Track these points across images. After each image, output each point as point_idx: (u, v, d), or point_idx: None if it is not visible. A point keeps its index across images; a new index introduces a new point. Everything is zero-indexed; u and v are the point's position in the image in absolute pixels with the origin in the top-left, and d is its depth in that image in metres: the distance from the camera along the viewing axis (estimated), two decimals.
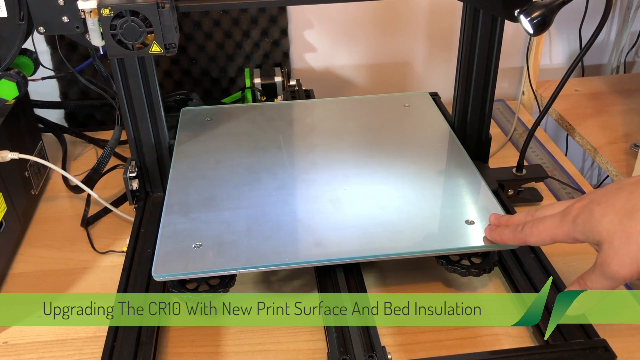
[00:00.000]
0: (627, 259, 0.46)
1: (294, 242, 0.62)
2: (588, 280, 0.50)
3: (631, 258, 0.46)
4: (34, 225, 0.79)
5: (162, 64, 1.03)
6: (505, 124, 1.02)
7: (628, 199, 0.47)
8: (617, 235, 0.46)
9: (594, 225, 0.48)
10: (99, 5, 0.58)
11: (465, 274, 0.64)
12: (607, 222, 0.47)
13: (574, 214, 0.50)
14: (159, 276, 0.58)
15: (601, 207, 0.48)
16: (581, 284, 0.51)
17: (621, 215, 0.46)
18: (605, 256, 0.47)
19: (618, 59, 1.17)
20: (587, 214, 0.49)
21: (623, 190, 0.48)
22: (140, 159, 0.75)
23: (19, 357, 0.60)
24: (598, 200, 0.49)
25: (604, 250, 0.47)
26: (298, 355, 0.59)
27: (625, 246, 0.46)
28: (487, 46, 0.73)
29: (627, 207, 0.46)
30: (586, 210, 0.49)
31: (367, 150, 0.78)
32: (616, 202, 0.47)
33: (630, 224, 0.45)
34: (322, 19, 1.05)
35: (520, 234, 0.56)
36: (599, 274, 0.49)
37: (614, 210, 0.47)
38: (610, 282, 0.49)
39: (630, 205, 0.46)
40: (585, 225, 0.49)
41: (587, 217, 0.49)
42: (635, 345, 0.59)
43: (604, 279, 0.49)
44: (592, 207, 0.49)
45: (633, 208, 0.46)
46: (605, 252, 0.47)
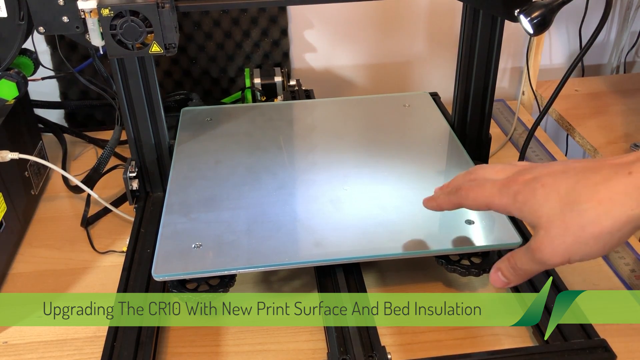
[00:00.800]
0: (561, 249, 0.45)
1: (294, 242, 0.62)
2: (518, 260, 0.49)
3: (565, 249, 0.45)
4: (34, 225, 0.79)
5: (162, 64, 1.03)
6: (505, 124, 1.02)
7: (573, 187, 0.45)
8: (555, 224, 0.45)
9: (534, 207, 0.47)
10: (99, 5, 0.58)
11: (465, 274, 0.64)
12: (547, 208, 0.46)
13: (515, 188, 0.48)
14: (159, 276, 0.58)
15: (545, 190, 0.46)
16: (511, 262, 0.50)
17: (563, 204, 0.45)
18: (540, 243, 0.46)
19: (618, 59, 1.17)
20: (530, 193, 0.47)
21: (569, 175, 0.46)
22: (140, 159, 0.75)
23: (19, 357, 0.60)
24: (543, 181, 0.47)
25: (540, 236, 0.46)
26: (298, 355, 0.59)
27: (561, 236, 0.45)
28: (487, 46, 0.73)
29: (571, 197, 0.45)
30: (529, 188, 0.47)
31: (367, 150, 0.78)
32: (560, 187, 0.46)
33: (570, 215, 0.44)
34: (322, 19, 1.05)
35: (454, 197, 0.54)
36: (530, 257, 0.48)
37: (557, 197, 0.45)
38: (538, 266, 0.48)
39: (573, 196, 0.44)
40: (525, 204, 0.47)
41: (529, 197, 0.47)
42: (635, 345, 0.59)
43: (533, 263, 0.48)
44: (535, 187, 0.47)
45: (576, 199, 0.44)
46: (540, 238, 0.46)
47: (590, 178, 0.44)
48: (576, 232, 0.44)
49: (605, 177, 0.44)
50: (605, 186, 0.43)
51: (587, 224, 0.43)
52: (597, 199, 0.43)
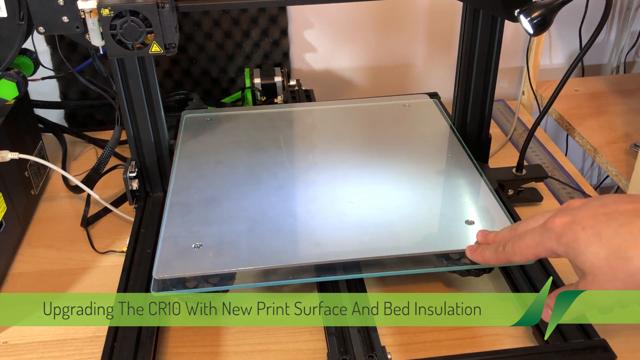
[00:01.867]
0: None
1: (294, 242, 0.62)
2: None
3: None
4: (34, 225, 0.79)
5: (162, 64, 1.03)
6: (505, 124, 1.02)
7: (616, 232, 0.45)
8: (602, 270, 0.46)
9: (577, 252, 0.47)
10: (98, 5, 0.58)
11: (465, 274, 0.64)
12: (592, 255, 0.46)
13: (557, 231, 0.48)
14: (160, 276, 0.58)
15: (586, 234, 0.46)
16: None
17: (608, 251, 0.45)
18: (588, 287, 0.47)
19: (618, 59, 1.17)
20: (572, 236, 0.47)
21: (610, 218, 0.46)
22: (140, 159, 0.75)
23: (19, 357, 0.60)
24: (583, 223, 0.47)
25: (587, 281, 0.47)
26: (298, 355, 0.59)
27: (608, 283, 0.46)
28: (487, 46, 0.73)
29: (615, 244, 0.45)
30: (570, 231, 0.47)
31: (367, 151, 0.78)
32: (602, 231, 0.46)
33: (617, 263, 0.45)
34: (322, 19, 1.05)
35: (502, 254, 0.54)
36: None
37: (600, 242, 0.46)
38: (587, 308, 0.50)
39: (618, 242, 0.45)
40: (568, 247, 0.48)
41: (571, 240, 0.47)
42: (635, 345, 0.59)
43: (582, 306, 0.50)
44: (576, 230, 0.47)
45: (621, 246, 0.45)
46: (588, 283, 0.47)
47: (634, 222, 0.45)
48: (624, 279, 0.45)
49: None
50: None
51: (635, 271, 0.44)
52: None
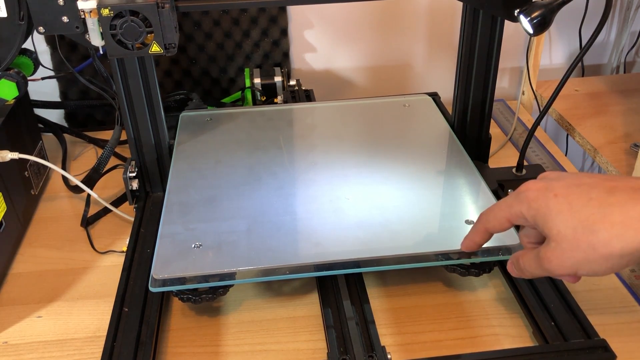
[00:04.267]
0: (569, 263, 0.46)
1: (294, 242, 0.62)
2: (526, 263, 0.51)
3: (572, 263, 0.46)
4: (34, 225, 0.79)
5: (162, 64, 1.03)
6: (505, 124, 1.02)
7: (586, 204, 0.45)
8: (567, 239, 0.46)
9: (546, 218, 0.47)
10: (98, 5, 0.58)
11: (465, 274, 0.64)
12: (560, 222, 0.46)
13: (529, 195, 0.49)
14: (159, 276, 0.58)
15: (557, 202, 0.47)
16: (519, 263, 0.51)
17: (576, 221, 0.45)
18: (550, 254, 0.47)
19: (618, 59, 1.17)
20: (543, 202, 0.48)
21: (583, 190, 0.46)
22: (140, 159, 0.75)
23: (19, 357, 0.60)
24: (556, 191, 0.47)
25: (550, 247, 0.47)
26: (298, 355, 0.59)
27: (571, 251, 0.46)
28: (487, 46, 0.73)
29: (583, 215, 0.45)
30: (542, 197, 0.48)
31: (367, 151, 0.78)
32: (574, 201, 0.46)
33: (582, 233, 0.45)
34: (322, 19, 1.05)
35: (480, 225, 0.55)
36: (537, 263, 0.49)
37: (569, 211, 0.46)
38: (543, 273, 0.49)
39: (586, 214, 0.45)
40: (538, 212, 0.48)
41: (542, 206, 0.48)
42: (635, 345, 0.59)
43: (539, 270, 0.49)
44: (548, 197, 0.47)
45: (589, 218, 0.45)
46: (550, 250, 0.47)
47: (604, 198, 0.45)
48: (586, 250, 0.45)
49: (620, 201, 0.44)
50: (619, 209, 0.44)
51: (598, 244, 0.44)
52: (610, 221, 0.44)
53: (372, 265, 0.61)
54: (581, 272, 0.46)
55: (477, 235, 0.56)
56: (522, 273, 0.51)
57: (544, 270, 0.48)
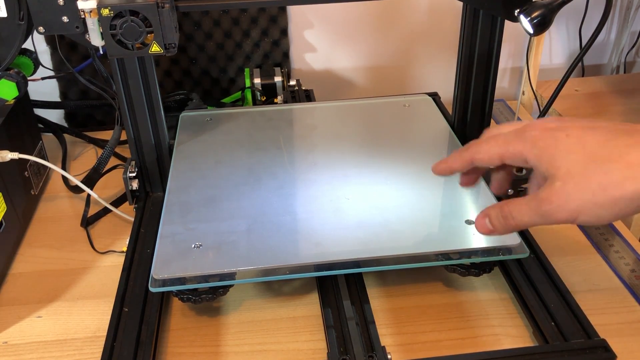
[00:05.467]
0: (574, 205, 0.42)
1: (294, 242, 0.62)
2: (515, 209, 0.46)
3: (577, 206, 0.42)
4: (34, 225, 0.79)
5: (162, 64, 1.03)
6: None
7: (604, 144, 0.42)
8: (575, 177, 0.42)
9: (555, 156, 0.43)
10: (98, 5, 0.58)
11: (465, 274, 0.64)
12: (570, 160, 0.42)
13: (534, 134, 0.45)
14: (159, 276, 0.58)
15: (569, 141, 0.43)
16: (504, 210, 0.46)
17: (589, 159, 0.42)
18: (552, 194, 0.43)
19: (618, 59, 1.17)
20: (552, 140, 0.44)
21: (598, 132, 0.43)
22: (140, 159, 0.75)
23: (19, 357, 0.60)
24: (568, 131, 0.43)
25: (554, 187, 0.43)
26: (298, 355, 0.59)
27: (578, 192, 0.42)
28: (487, 46, 0.73)
29: (598, 154, 0.41)
30: (551, 136, 0.44)
31: (367, 151, 0.78)
32: (588, 141, 0.42)
33: (594, 171, 0.41)
34: (322, 19, 1.05)
35: (465, 153, 0.50)
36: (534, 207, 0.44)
37: (583, 150, 0.42)
38: (538, 218, 0.44)
39: (602, 153, 0.41)
40: (545, 150, 0.44)
41: (550, 144, 0.44)
42: (635, 345, 0.59)
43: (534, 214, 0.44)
44: (558, 136, 0.44)
45: (604, 157, 0.41)
46: (554, 189, 0.43)
47: (622, 139, 0.42)
48: (596, 190, 0.41)
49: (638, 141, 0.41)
50: (636, 149, 0.41)
51: (610, 184, 0.41)
52: (626, 162, 0.40)
53: (372, 265, 0.61)
54: (582, 217, 0.42)
55: (458, 162, 0.51)
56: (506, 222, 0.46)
57: (540, 214, 0.44)
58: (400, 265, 0.61)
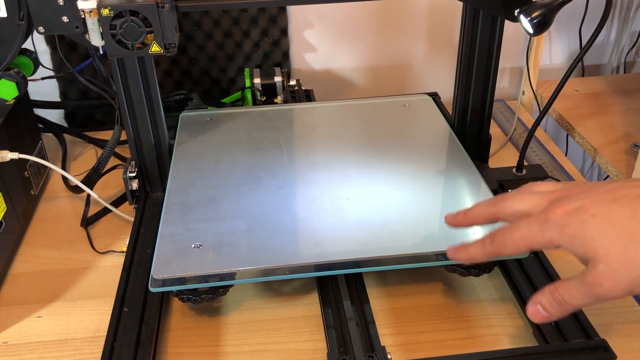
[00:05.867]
0: (625, 283, 0.43)
1: (294, 242, 0.62)
2: (567, 294, 0.46)
3: (629, 283, 0.43)
4: (34, 225, 0.79)
5: (162, 64, 1.03)
6: (505, 124, 1.02)
7: (632, 218, 0.42)
8: (618, 258, 0.42)
9: (587, 241, 0.43)
10: (98, 5, 0.58)
11: (465, 274, 0.64)
12: (605, 242, 0.43)
13: (560, 221, 0.45)
14: (159, 276, 0.58)
15: (596, 222, 0.43)
16: (556, 296, 0.46)
17: (624, 238, 0.42)
18: (600, 277, 0.43)
19: (618, 59, 1.17)
20: (579, 225, 0.44)
21: (622, 204, 0.43)
22: (140, 159, 0.75)
23: (19, 357, 0.60)
24: (592, 211, 0.44)
25: (599, 270, 0.43)
26: (298, 355, 0.59)
27: (625, 271, 0.42)
28: (487, 46, 0.73)
29: (632, 230, 0.42)
30: (577, 220, 0.44)
31: (367, 151, 0.78)
32: (615, 218, 0.43)
33: (634, 248, 0.42)
34: (322, 19, 1.05)
35: (491, 247, 0.49)
36: (586, 291, 0.44)
37: (614, 229, 0.43)
38: (593, 301, 0.45)
39: (635, 228, 0.42)
40: (575, 237, 0.44)
41: (579, 229, 0.44)
42: (635, 345, 0.59)
43: (588, 297, 0.45)
44: (584, 219, 0.44)
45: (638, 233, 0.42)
46: (599, 273, 0.43)
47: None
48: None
49: None
50: None
51: None
52: None
53: (372, 265, 0.61)
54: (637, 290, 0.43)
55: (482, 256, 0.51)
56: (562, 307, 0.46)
57: (594, 297, 0.44)
58: (400, 265, 0.61)
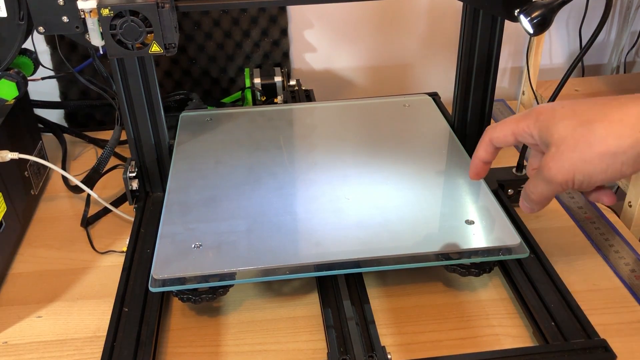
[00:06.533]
0: (567, 165, 0.46)
1: (294, 242, 0.62)
2: (530, 184, 0.51)
3: (570, 165, 0.46)
4: (34, 225, 0.79)
5: (162, 64, 1.03)
6: None
7: (591, 107, 0.47)
8: (566, 140, 0.46)
9: (550, 125, 0.48)
10: (98, 5, 0.58)
11: (465, 274, 0.64)
12: (562, 126, 0.47)
13: (538, 110, 0.50)
14: (159, 276, 0.58)
15: (564, 110, 0.48)
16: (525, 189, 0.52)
17: (577, 122, 0.46)
18: (549, 159, 0.47)
19: (618, 59, 1.17)
20: (550, 113, 0.49)
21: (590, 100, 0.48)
22: (140, 159, 0.75)
23: (19, 357, 0.60)
24: (563, 104, 0.49)
25: (550, 152, 0.47)
26: (298, 355, 0.59)
27: (568, 152, 0.46)
28: (487, 46, 0.73)
29: (586, 117, 0.46)
30: (550, 109, 0.49)
31: (367, 151, 0.78)
32: (578, 109, 0.47)
33: (581, 131, 0.46)
34: (322, 19, 1.05)
35: (484, 135, 0.55)
36: (540, 176, 0.49)
37: (574, 116, 0.47)
38: (547, 186, 0.49)
39: (589, 115, 0.46)
40: (543, 122, 0.49)
41: (549, 117, 0.49)
42: (635, 345, 0.59)
43: (542, 182, 0.49)
44: (555, 108, 0.49)
45: (591, 118, 0.46)
46: (549, 155, 0.48)
47: (608, 103, 0.46)
48: (583, 148, 0.45)
49: (622, 102, 0.45)
50: (619, 109, 0.45)
51: (594, 141, 0.45)
52: (608, 119, 0.45)
53: (372, 265, 0.61)
54: (578, 175, 0.46)
55: (481, 149, 0.56)
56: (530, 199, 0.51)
57: (546, 181, 0.48)
58: (400, 265, 0.61)
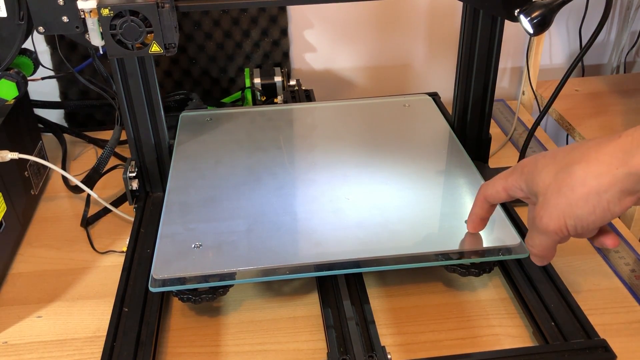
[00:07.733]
0: (556, 212, 0.46)
1: (294, 242, 0.62)
2: (528, 237, 0.52)
3: (559, 212, 0.46)
4: (34, 225, 0.79)
5: (162, 64, 1.03)
6: (505, 124, 1.02)
7: (570, 152, 0.47)
8: (550, 187, 0.46)
9: (534, 175, 0.48)
10: (98, 5, 0.58)
11: (465, 274, 0.64)
12: (545, 173, 0.47)
13: (522, 162, 0.51)
14: (159, 276, 0.58)
15: (545, 159, 0.48)
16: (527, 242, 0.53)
17: (558, 168, 0.46)
18: (539, 209, 0.47)
19: (618, 59, 1.17)
20: (533, 164, 0.49)
21: (570, 145, 0.48)
22: (140, 159, 0.75)
23: (19, 357, 0.60)
24: (544, 153, 0.49)
25: (539, 203, 0.48)
26: (298, 355, 0.59)
27: (554, 199, 0.46)
28: (487, 46, 0.73)
29: (565, 161, 0.46)
30: (533, 160, 0.50)
31: (367, 151, 0.78)
32: (559, 155, 0.47)
33: (562, 177, 0.46)
34: (322, 19, 1.05)
35: (478, 194, 0.57)
36: (533, 228, 0.49)
37: (554, 162, 0.47)
38: (543, 236, 0.49)
39: (568, 159, 0.46)
40: (528, 174, 0.49)
41: (532, 167, 0.49)
42: (635, 345, 0.59)
43: (537, 234, 0.49)
44: (537, 158, 0.49)
45: (569, 162, 0.46)
46: (539, 205, 0.48)
47: (586, 144, 0.46)
48: (567, 192, 0.45)
49: (599, 142, 0.45)
50: (596, 149, 0.45)
51: (575, 183, 0.45)
52: (585, 160, 0.45)
53: (372, 265, 0.61)
54: (569, 221, 0.46)
55: (477, 207, 0.57)
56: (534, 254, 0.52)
57: (540, 232, 0.48)
58: (400, 265, 0.61)
